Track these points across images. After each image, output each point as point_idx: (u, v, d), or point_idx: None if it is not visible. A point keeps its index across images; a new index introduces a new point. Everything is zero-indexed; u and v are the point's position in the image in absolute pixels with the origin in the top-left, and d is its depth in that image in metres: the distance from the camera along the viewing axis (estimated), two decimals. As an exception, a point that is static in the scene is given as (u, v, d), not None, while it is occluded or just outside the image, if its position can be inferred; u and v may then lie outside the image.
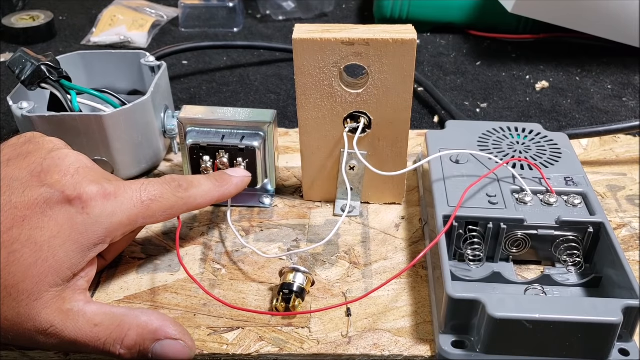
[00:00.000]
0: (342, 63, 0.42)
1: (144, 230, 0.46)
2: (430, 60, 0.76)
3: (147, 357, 0.34)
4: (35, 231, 0.33)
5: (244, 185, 0.44)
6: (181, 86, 0.70)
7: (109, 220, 0.34)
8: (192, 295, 0.41)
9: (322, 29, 0.41)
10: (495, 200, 0.41)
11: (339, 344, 0.37)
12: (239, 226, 0.47)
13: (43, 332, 0.33)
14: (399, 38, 0.40)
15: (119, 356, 0.34)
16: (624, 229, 0.46)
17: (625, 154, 0.55)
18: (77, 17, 0.89)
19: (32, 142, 0.37)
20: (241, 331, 0.38)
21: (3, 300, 0.32)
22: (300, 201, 0.50)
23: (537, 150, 0.46)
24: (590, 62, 0.75)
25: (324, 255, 0.44)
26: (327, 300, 0.40)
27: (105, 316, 0.34)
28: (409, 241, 0.45)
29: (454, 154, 0.45)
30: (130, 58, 0.56)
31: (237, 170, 0.44)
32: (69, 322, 0.33)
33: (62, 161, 0.35)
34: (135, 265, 0.43)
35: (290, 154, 0.55)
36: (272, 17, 0.88)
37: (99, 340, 0.33)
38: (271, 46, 0.76)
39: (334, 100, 0.43)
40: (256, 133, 0.46)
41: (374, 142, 0.45)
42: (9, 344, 0.35)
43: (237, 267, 0.43)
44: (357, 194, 0.48)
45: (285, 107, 0.66)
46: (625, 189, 0.51)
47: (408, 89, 0.42)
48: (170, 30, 0.84)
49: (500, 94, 0.68)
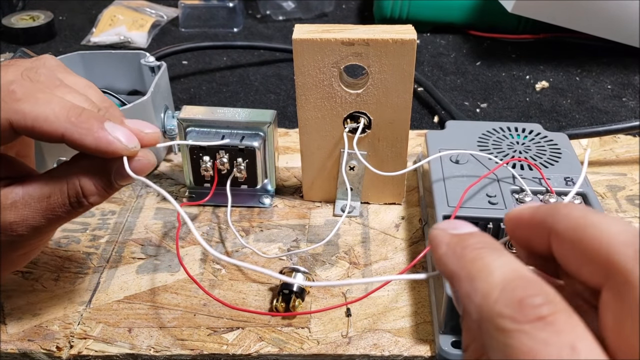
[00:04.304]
0: (342, 63, 0.42)
1: (144, 230, 0.46)
2: (430, 60, 0.76)
3: (114, 188, 0.33)
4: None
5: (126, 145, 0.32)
6: (181, 86, 0.70)
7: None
8: (192, 295, 0.41)
9: (322, 29, 0.41)
10: (495, 200, 0.41)
11: (338, 344, 0.37)
12: (239, 226, 0.47)
13: (11, 238, 0.32)
14: (398, 38, 0.40)
15: (90, 205, 0.33)
16: (624, 229, 0.46)
17: (625, 154, 0.55)
18: (77, 17, 0.89)
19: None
20: (241, 331, 0.38)
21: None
22: (300, 201, 0.50)
23: (537, 151, 0.46)
24: (590, 62, 0.75)
25: (323, 255, 0.44)
26: (327, 300, 0.40)
27: (50, 184, 0.32)
28: (408, 241, 0.45)
29: (453, 154, 0.45)
30: (130, 58, 0.56)
31: (138, 122, 0.35)
32: (23, 212, 0.32)
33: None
34: (135, 265, 0.43)
35: (290, 154, 0.55)
36: (272, 17, 0.88)
37: (64, 205, 0.32)
38: (271, 46, 0.76)
39: (333, 100, 0.43)
40: (256, 133, 0.46)
41: (374, 142, 0.45)
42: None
43: (237, 267, 0.43)
44: (357, 194, 0.48)
45: (285, 107, 0.66)
46: (625, 189, 0.51)
47: (408, 89, 0.42)
48: (170, 30, 0.84)
49: (500, 94, 0.68)
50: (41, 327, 0.38)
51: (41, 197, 0.32)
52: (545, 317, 0.18)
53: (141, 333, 0.38)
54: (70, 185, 0.32)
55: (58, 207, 0.32)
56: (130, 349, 0.37)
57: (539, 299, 0.19)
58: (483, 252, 0.21)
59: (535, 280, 0.20)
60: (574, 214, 0.21)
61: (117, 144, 0.32)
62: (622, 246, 0.19)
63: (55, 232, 0.36)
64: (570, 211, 0.21)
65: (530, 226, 0.23)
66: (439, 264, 0.23)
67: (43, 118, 0.31)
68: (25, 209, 0.32)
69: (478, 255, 0.21)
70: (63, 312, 0.39)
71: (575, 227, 0.21)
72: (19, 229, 0.32)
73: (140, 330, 0.38)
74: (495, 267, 0.20)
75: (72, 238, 0.46)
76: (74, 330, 0.38)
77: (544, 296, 0.19)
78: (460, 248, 0.22)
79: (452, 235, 0.23)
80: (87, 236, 0.46)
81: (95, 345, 0.37)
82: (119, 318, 0.39)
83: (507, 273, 0.20)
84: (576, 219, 0.21)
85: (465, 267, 0.21)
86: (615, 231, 0.20)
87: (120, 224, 0.47)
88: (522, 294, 0.19)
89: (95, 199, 0.33)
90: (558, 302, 0.19)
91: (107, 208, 0.49)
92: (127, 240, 0.45)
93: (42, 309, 0.40)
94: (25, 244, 0.34)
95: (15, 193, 0.32)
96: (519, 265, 0.20)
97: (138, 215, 0.48)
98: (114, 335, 0.38)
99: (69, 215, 0.33)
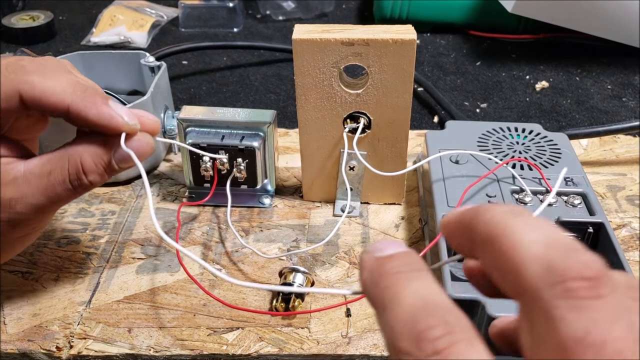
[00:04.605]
0: (341, 63, 0.42)
1: (144, 230, 0.46)
2: (430, 60, 0.76)
3: (114, 169, 0.34)
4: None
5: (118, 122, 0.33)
6: (181, 86, 0.70)
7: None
8: (192, 295, 0.41)
9: (322, 29, 0.41)
10: (495, 200, 0.41)
11: (338, 344, 0.37)
12: (239, 226, 0.47)
13: (10, 216, 0.32)
14: (398, 38, 0.40)
15: (90, 184, 0.33)
16: (624, 229, 0.46)
17: (625, 154, 0.55)
18: (77, 17, 0.89)
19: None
20: (241, 331, 0.38)
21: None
22: (300, 201, 0.50)
23: (536, 151, 0.46)
24: (590, 62, 0.75)
25: (323, 255, 0.44)
26: (326, 300, 0.40)
27: (51, 161, 0.33)
28: (408, 241, 0.45)
29: (453, 154, 0.45)
30: (130, 58, 0.56)
31: (139, 112, 0.35)
32: (24, 188, 0.32)
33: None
34: (135, 265, 0.43)
35: (290, 154, 0.55)
36: (272, 17, 0.88)
37: (64, 182, 0.33)
38: (271, 46, 0.76)
39: (333, 100, 0.43)
40: (256, 133, 0.46)
41: (374, 142, 0.45)
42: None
43: (237, 267, 0.43)
44: (357, 194, 0.48)
45: (285, 107, 0.66)
46: (625, 189, 0.51)
47: (408, 89, 0.42)
48: (170, 30, 0.84)
49: (500, 94, 0.68)
50: (41, 327, 0.38)
51: (42, 174, 0.33)
52: (441, 350, 0.17)
53: (141, 333, 0.38)
54: (71, 162, 0.33)
55: (58, 184, 0.33)
56: (130, 349, 0.37)
57: (438, 331, 0.17)
58: (396, 279, 0.20)
59: (441, 308, 0.18)
60: (493, 220, 0.19)
61: (118, 119, 0.33)
62: (531, 261, 0.18)
63: (52, 216, 0.36)
64: (490, 216, 0.20)
65: (459, 232, 0.21)
66: (364, 292, 0.21)
67: (51, 90, 0.32)
68: (25, 186, 0.33)
69: (391, 282, 0.20)
70: (63, 312, 0.39)
71: (491, 236, 0.19)
72: (17, 206, 0.32)
73: (140, 330, 0.38)
74: (405, 296, 0.19)
75: (72, 238, 0.46)
76: (74, 330, 0.38)
77: (443, 327, 0.17)
78: (378, 275, 0.20)
79: (374, 259, 0.21)
80: (87, 236, 0.46)
81: (95, 346, 0.37)
82: (119, 318, 0.39)
83: (414, 302, 0.18)
84: (494, 226, 0.19)
85: (379, 296, 0.20)
86: (527, 242, 0.18)
87: (120, 224, 0.47)
88: (421, 327, 0.18)
89: (95, 178, 0.34)
90: (459, 332, 0.17)
91: (107, 208, 0.49)
92: (127, 240, 0.45)
93: (42, 309, 0.40)
94: (24, 224, 0.34)
95: (16, 170, 0.33)
96: (431, 290, 0.19)
97: (138, 215, 0.48)
98: (113, 335, 0.38)
99: (68, 195, 0.33)
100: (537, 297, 0.17)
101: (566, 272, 0.17)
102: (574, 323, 0.16)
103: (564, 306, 0.16)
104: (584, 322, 0.16)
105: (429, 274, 0.20)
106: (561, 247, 0.18)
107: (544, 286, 0.17)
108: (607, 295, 0.16)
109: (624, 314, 0.16)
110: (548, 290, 0.17)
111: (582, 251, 0.18)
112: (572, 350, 0.16)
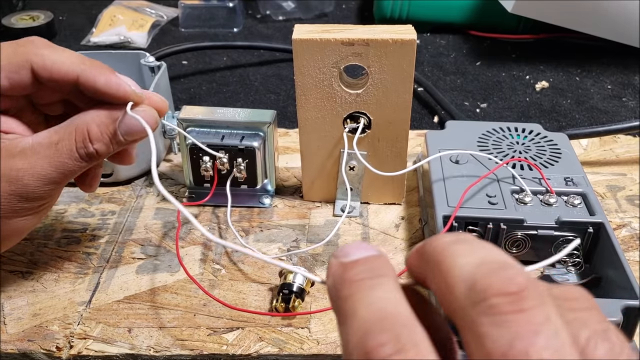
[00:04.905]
0: (342, 63, 0.42)
1: (144, 231, 0.46)
2: (430, 60, 0.76)
3: (119, 140, 0.35)
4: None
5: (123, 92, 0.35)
6: (181, 86, 0.70)
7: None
8: (192, 295, 0.41)
9: (322, 29, 0.41)
10: (495, 200, 0.41)
11: (338, 344, 0.37)
12: (239, 226, 0.47)
13: (18, 188, 0.33)
14: (398, 38, 0.40)
15: (96, 153, 0.35)
16: (624, 229, 0.46)
17: (625, 154, 0.55)
18: (77, 17, 0.89)
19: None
20: (241, 331, 0.38)
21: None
22: (300, 201, 0.50)
23: (537, 151, 0.46)
24: (590, 62, 0.75)
25: (323, 255, 0.44)
26: (326, 300, 0.40)
27: (58, 132, 0.34)
28: (408, 241, 0.45)
29: (453, 154, 0.45)
30: (130, 58, 0.56)
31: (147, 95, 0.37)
32: (32, 159, 0.33)
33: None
34: (135, 266, 0.43)
35: (290, 154, 0.55)
36: (272, 17, 0.88)
37: (71, 151, 0.34)
38: (271, 46, 0.76)
39: (333, 100, 0.43)
40: (256, 133, 0.46)
41: (374, 142, 0.45)
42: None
43: (236, 268, 0.43)
44: (357, 194, 0.48)
45: (285, 107, 0.66)
46: (625, 189, 0.51)
47: (408, 89, 0.42)
48: (170, 30, 0.84)
49: (500, 94, 0.68)
50: (41, 327, 0.38)
51: (50, 144, 0.34)
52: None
53: (141, 333, 0.38)
54: (78, 131, 0.34)
55: (66, 153, 0.34)
56: (130, 349, 0.37)
57: (388, 349, 0.17)
58: (357, 288, 0.19)
59: (395, 322, 0.18)
60: (438, 247, 0.20)
61: (126, 86, 0.35)
62: (459, 282, 0.18)
63: (60, 192, 0.36)
64: (436, 244, 0.20)
65: (415, 262, 0.21)
66: (330, 301, 0.20)
67: (60, 61, 0.34)
68: (33, 157, 0.33)
69: (351, 291, 0.19)
70: (63, 312, 0.39)
71: (435, 261, 0.19)
72: (26, 177, 0.33)
73: (140, 330, 0.38)
74: (361, 307, 0.18)
75: (72, 238, 0.46)
76: (74, 331, 0.38)
77: (394, 344, 0.17)
78: (340, 282, 0.20)
79: (339, 265, 0.20)
80: (87, 236, 0.46)
81: (95, 346, 0.37)
82: (119, 318, 0.39)
83: (369, 315, 0.18)
84: (438, 252, 0.19)
85: (340, 306, 0.19)
86: (460, 264, 0.18)
87: (120, 224, 0.47)
88: (371, 344, 0.17)
89: (100, 146, 0.35)
90: (410, 349, 0.17)
91: (107, 208, 0.49)
92: (127, 240, 0.45)
93: (42, 309, 0.40)
94: (33, 198, 0.34)
95: (24, 142, 0.34)
96: (389, 301, 0.19)
97: (138, 215, 0.48)
98: (113, 336, 0.38)
99: (75, 164, 0.34)
100: (464, 315, 0.17)
101: (488, 290, 0.17)
102: (497, 338, 0.16)
103: (487, 322, 0.17)
104: (506, 336, 0.16)
105: (392, 280, 0.20)
106: (489, 265, 0.18)
107: (469, 304, 0.17)
108: (530, 308, 0.17)
109: (546, 324, 0.16)
110: (473, 309, 0.17)
111: (510, 267, 0.18)
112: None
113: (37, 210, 0.35)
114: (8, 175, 0.33)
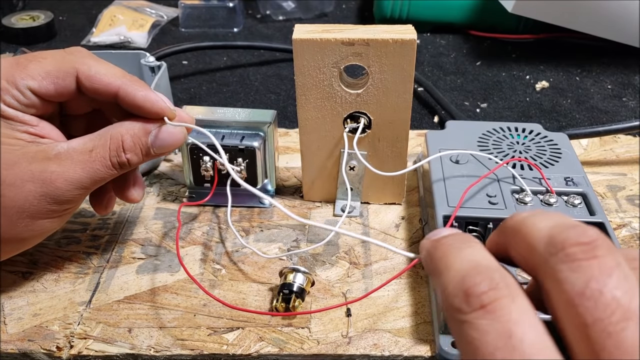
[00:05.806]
0: (342, 63, 0.42)
1: (144, 231, 0.46)
2: (430, 60, 0.76)
3: (149, 153, 0.37)
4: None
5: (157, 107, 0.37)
6: (181, 86, 0.70)
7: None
8: (192, 295, 0.41)
9: (322, 29, 0.41)
10: (495, 200, 0.41)
11: (339, 344, 0.37)
12: (239, 226, 0.47)
13: (49, 190, 0.34)
14: (399, 38, 0.40)
15: (127, 163, 0.36)
16: (624, 229, 0.46)
17: (625, 154, 0.55)
18: (77, 17, 0.89)
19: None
20: (241, 331, 0.38)
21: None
22: (300, 201, 0.50)
23: (537, 151, 0.46)
24: (590, 62, 0.75)
25: (323, 255, 0.44)
26: (327, 300, 0.40)
27: (93, 140, 0.36)
28: (409, 241, 0.45)
29: (454, 154, 0.45)
30: (130, 58, 0.56)
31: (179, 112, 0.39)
32: (66, 164, 0.34)
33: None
34: (135, 266, 0.43)
35: (290, 154, 0.55)
36: (272, 17, 0.88)
37: (104, 159, 0.35)
38: (271, 46, 0.76)
39: (333, 100, 0.43)
40: (256, 133, 0.46)
41: (374, 142, 0.45)
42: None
43: (237, 268, 0.43)
44: (357, 194, 0.48)
45: (285, 107, 0.66)
46: (625, 189, 0.51)
47: (408, 89, 0.42)
48: (170, 30, 0.84)
49: (500, 94, 0.68)
50: (41, 327, 0.38)
51: (84, 151, 0.35)
52: (486, 305, 0.19)
53: (141, 333, 0.38)
54: (113, 140, 0.36)
55: (99, 160, 0.35)
56: (130, 349, 0.37)
57: (483, 286, 0.20)
58: (448, 250, 0.23)
59: (489, 268, 0.21)
60: (518, 218, 0.23)
61: (161, 103, 0.37)
62: (539, 240, 0.21)
63: (84, 198, 0.37)
64: (517, 217, 0.23)
65: (499, 235, 0.24)
66: (426, 270, 0.24)
67: (104, 73, 0.36)
68: (67, 161, 0.35)
69: (444, 253, 0.23)
70: (63, 312, 0.39)
71: (515, 229, 0.22)
72: (58, 180, 0.34)
73: (140, 330, 0.38)
74: (455, 262, 0.22)
75: (72, 238, 0.46)
76: (74, 330, 0.38)
77: (488, 282, 0.20)
78: (433, 250, 0.24)
79: (431, 241, 0.25)
80: (87, 236, 0.46)
81: (95, 346, 0.37)
82: (119, 318, 0.39)
83: (464, 265, 0.21)
84: (518, 222, 0.23)
85: (435, 266, 0.23)
86: (538, 228, 0.21)
87: (120, 224, 0.47)
88: (469, 284, 0.20)
89: (133, 157, 0.36)
90: (503, 288, 0.20)
91: (107, 208, 0.49)
92: (127, 240, 0.45)
93: (42, 309, 0.40)
94: (60, 201, 0.35)
95: (60, 146, 0.35)
96: (480, 256, 0.22)
97: (138, 215, 0.48)
98: (114, 335, 0.38)
99: (106, 172, 0.36)
100: (545, 267, 0.20)
101: (565, 242, 0.20)
102: (574, 280, 0.19)
103: (565, 269, 0.19)
104: (582, 279, 0.19)
105: (480, 244, 0.23)
106: (563, 225, 0.21)
107: (548, 256, 0.20)
108: (603, 255, 0.19)
109: (617, 268, 0.19)
110: (552, 259, 0.20)
111: (581, 226, 0.21)
112: (577, 303, 0.18)
113: (62, 214, 0.36)
114: (42, 178, 0.34)
